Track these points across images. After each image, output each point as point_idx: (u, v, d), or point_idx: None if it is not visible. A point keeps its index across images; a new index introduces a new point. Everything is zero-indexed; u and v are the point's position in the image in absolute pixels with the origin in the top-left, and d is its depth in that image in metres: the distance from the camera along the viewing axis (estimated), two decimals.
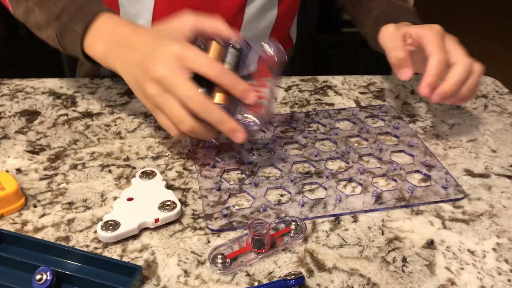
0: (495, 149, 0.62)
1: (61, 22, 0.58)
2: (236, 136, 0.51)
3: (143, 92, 0.52)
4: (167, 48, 0.50)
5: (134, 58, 0.52)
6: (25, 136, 0.62)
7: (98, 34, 0.56)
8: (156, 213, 0.49)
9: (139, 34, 0.54)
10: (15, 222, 0.49)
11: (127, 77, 0.54)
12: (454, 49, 0.58)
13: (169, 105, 0.50)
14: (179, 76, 0.49)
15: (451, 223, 0.50)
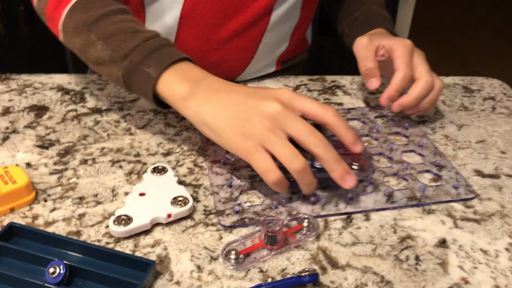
0: (504, 150, 0.62)
1: (131, 62, 0.54)
2: (347, 180, 0.48)
3: (244, 130, 0.48)
4: (277, 91, 0.49)
5: (232, 98, 0.50)
6: (34, 131, 0.62)
7: (180, 75, 0.53)
8: (169, 208, 0.48)
9: (233, 84, 0.52)
10: (26, 216, 0.49)
11: (218, 119, 0.49)
12: (420, 65, 0.63)
13: (282, 142, 0.47)
14: (292, 114, 0.47)
15: (462, 223, 0.50)
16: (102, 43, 0.56)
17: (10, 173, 0.51)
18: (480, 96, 0.74)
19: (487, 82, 0.78)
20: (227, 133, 0.48)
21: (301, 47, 0.86)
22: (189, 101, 0.51)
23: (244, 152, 0.48)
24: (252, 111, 0.48)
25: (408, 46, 0.63)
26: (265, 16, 0.72)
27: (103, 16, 0.57)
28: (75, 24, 0.58)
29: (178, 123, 0.64)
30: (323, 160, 0.48)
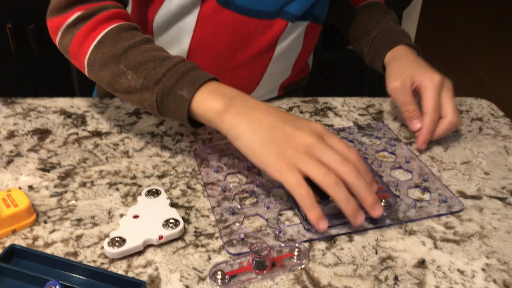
0: (488, 172, 0.64)
1: (163, 87, 0.57)
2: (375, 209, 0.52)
3: (279, 151, 0.51)
4: (312, 124, 0.54)
5: (270, 119, 0.53)
6: (37, 154, 0.65)
7: (213, 93, 0.56)
8: (160, 230, 0.51)
9: (270, 106, 0.56)
10: (27, 237, 0.52)
11: (254, 135, 0.53)
12: (447, 103, 0.67)
13: (314, 162, 0.50)
14: (325, 145, 0.52)
15: (442, 243, 0.53)
16: (133, 73, 0.59)
17: (12, 197, 0.54)
18: (468, 117, 0.76)
19: (476, 102, 0.80)
20: (263, 149, 0.52)
21: (302, 73, 0.90)
22: (225, 115, 0.54)
23: (276, 169, 0.51)
24: (289, 137, 0.52)
25: (436, 84, 0.66)
26: (270, 48, 0.76)
27: (131, 47, 0.60)
28: (103, 57, 0.61)
29: (174, 146, 0.67)
30: (354, 188, 0.51)
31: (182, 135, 0.69)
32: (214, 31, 0.73)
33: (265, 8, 0.72)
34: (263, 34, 0.74)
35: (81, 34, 0.62)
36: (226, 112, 0.54)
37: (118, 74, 0.60)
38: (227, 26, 0.72)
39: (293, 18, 0.74)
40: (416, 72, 0.69)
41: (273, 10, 0.73)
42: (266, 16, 0.73)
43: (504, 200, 0.59)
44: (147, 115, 0.74)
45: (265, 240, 0.52)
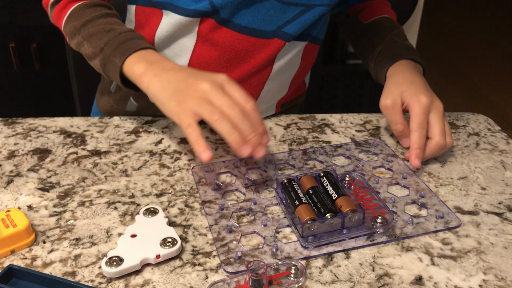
0: (484, 187, 0.64)
1: (104, 54, 0.69)
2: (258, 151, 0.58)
3: (179, 98, 0.59)
4: (215, 74, 0.61)
5: (178, 75, 0.62)
6: (36, 174, 0.65)
7: (139, 58, 0.66)
8: (158, 249, 0.51)
9: (182, 66, 0.65)
10: (25, 258, 0.52)
11: (164, 90, 0.61)
12: (434, 124, 0.67)
13: (205, 104, 0.58)
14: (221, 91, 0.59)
15: (439, 260, 0.53)
16: (87, 42, 0.71)
17: (11, 217, 0.54)
18: (465, 132, 0.76)
19: (473, 117, 0.80)
20: (168, 100, 0.60)
21: (299, 91, 0.92)
22: (144, 76, 0.64)
23: (175, 113, 0.59)
24: (189, 86, 0.60)
25: (423, 104, 0.67)
26: (267, 66, 0.77)
27: (88, 21, 0.73)
28: (70, 30, 0.74)
29: (172, 164, 0.68)
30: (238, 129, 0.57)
31: (180, 153, 0.70)
32: (212, 48, 0.75)
33: (263, 28, 0.74)
34: (260, 52, 0.75)
35: (56, 11, 0.77)
36: (144, 74, 0.64)
37: (79, 44, 0.73)
38: (225, 44, 0.74)
39: (290, 38, 0.75)
40: (406, 91, 0.69)
41: (270, 30, 0.74)
42: (264, 35, 0.74)
43: (501, 215, 0.59)
44: (146, 133, 0.75)
45: (262, 258, 0.52)
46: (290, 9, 0.74)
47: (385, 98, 0.71)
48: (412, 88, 0.69)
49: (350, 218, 0.55)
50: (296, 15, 0.74)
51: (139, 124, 0.77)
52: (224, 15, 0.72)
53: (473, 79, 2.87)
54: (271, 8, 0.73)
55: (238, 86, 0.60)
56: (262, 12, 0.73)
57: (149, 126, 0.76)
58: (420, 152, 0.66)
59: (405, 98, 0.69)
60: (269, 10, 0.73)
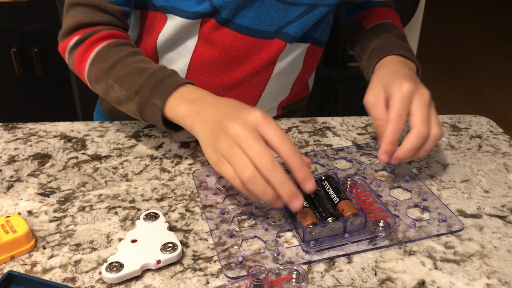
0: (487, 190, 0.63)
1: (141, 97, 0.64)
2: (293, 202, 0.52)
3: (214, 144, 0.55)
4: (250, 112, 0.55)
5: (215, 114, 0.57)
6: (37, 179, 0.65)
7: (181, 98, 0.62)
8: (158, 254, 0.51)
9: (227, 100, 0.60)
10: (25, 264, 0.52)
11: (203, 132, 0.57)
12: (416, 112, 0.61)
13: (236, 154, 0.52)
14: (251, 136, 0.52)
15: (442, 264, 0.52)
16: (118, 86, 0.66)
17: (11, 223, 0.54)
18: (467, 135, 0.76)
19: (475, 120, 0.80)
20: (205, 144, 0.57)
21: (302, 94, 0.91)
22: (187, 118, 0.60)
23: (213, 162, 0.55)
24: (222, 129, 0.54)
25: (404, 91, 0.62)
26: (268, 67, 0.77)
27: (116, 63, 0.68)
28: (96, 73, 0.69)
29: (173, 168, 0.67)
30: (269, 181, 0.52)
31: (181, 158, 0.70)
32: (213, 48, 0.75)
33: (263, 28, 0.74)
34: (261, 52, 0.75)
35: (78, 55, 0.71)
36: (188, 115, 0.60)
37: (108, 88, 0.68)
38: (226, 44, 0.74)
39: (291, 40, 0.75)
40: (388, 83, 0.64)
41: (271, 30, 0.74)
42: (264, 36, 0.74)
43: (504, 218, 0.59)
44: (147, 138, 0.74)
45: (264, 263, 0.52)
46: (292, 9, 0.73)
47: (368, 95, 0.66)
48: (394, 77, 0.65)
49: (352, 222, 0.54)
50: (298, 16, 0.74)
51: (140, 128, 0.76)
52: (224, 15, 0.72)
53: (474, 80, 2.86)
54: (272, 8, 0.73)
55: (274, 125, 0.54)
56: (263, 12, 0.73)
57: (150, 130, 0.76)
58: (390, 148, 0.60)
59: (387, 90, 0.64)
60: (270, 10, 0.73)
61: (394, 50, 0.74)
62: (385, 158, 0.61)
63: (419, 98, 0.62)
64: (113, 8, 0.72)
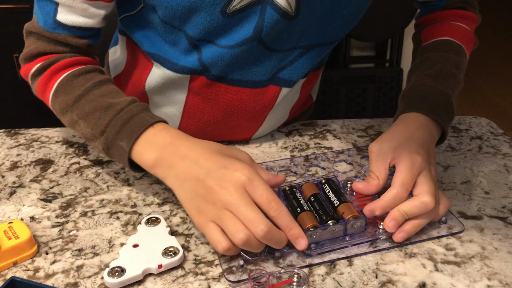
0: (488, 191, 0.64)
1: (107, 137, 0.60)
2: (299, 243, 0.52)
3: (200, 207, 0.52)
4: (234, 169, 0.52)
5: (194, 171, 0.53)
6: (39, 184, 0.66)
7: (148, 143, 0.58)
8: (160, 259, 0.51)
9: (201, 147, 0.56)
10: (28, 269, 0.52)
11: (181, 188, 0.54)
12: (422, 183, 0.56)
13: (228, 219, 0.50)
14: (243, 202, 0.50)
15: (443, 266, 0.52)
16: (83, 122, 0.62)
17: (13, 229, 0.54)
18: (467, 136, 0.76)
19: (475, 121, 0.80)
20: (187, 204, 0.54)
21: (305, 106, 0.85)
22: (156, 168, 0.57)
23: (198, 223, 0.53)
24: (209, 192, 0.52)
25: (414, 162, 0.56)
26: (264, 111, 0.73)
27: (80, 97, 0.63)
28: (60, 106, 0.64)
29: None
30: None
31: None
32: (205, 100, 0.71)
33: (257, 78, 0.69)
34: (256, 100, 0.71)
35: (41, 84, 0.66)
36: (156, 165, 0.57)
37: (73, 122, 0.64)
38: (219, 97, 0.70)
39: (288, 84, 0.70)
40: (399, 148, 0.58)
41: (265, 79, 0.70)
42: (259, 85, 0.70)
43: (505, 219, 0.59)
44: None
45: (265, 266, 0.52)
46: (285, 55, 0.68)
47: (375, 144, 0.60)
48: (407, 144, 0.58)
49: (352, 225, 0.54)
50: (293, 59, 0.69)
51: None
52: (215, 72, 0.68)
53: (475, 80, 2.86)
54: (265, 58, 0.67)
55: (261, 183, 0.52)
56: (255, 64, 0.68)
57: None
58: (376, 211, 0.55)
59: (396, 154, 0.58)
60: (264, 61, 0.68)
61: (416, 105, 0.64)
62: (368, 215, 0.56)
63: (427, 173, 0.57)
64: (76, 42, 0.66)
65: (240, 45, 0.64)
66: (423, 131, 0.61)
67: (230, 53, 0.65)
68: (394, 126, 0.63)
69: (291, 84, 0.71)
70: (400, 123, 0.63)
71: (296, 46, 0.67)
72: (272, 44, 0.66)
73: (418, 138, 0.60)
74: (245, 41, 0.64)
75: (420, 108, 0.64)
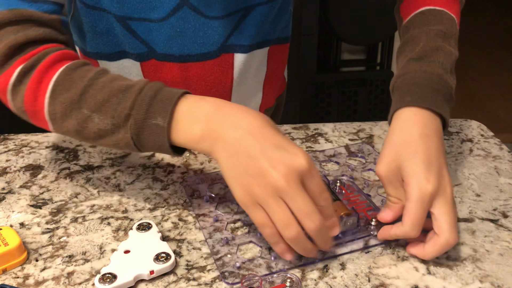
0: (479, 193, 0.64)
1: (135, 120, 0.52)
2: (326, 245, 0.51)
3: (248, 187, 0.48)
4: (295, 155, 0.48)
5: (247, 145, 0.48)
6: (29, 190, 0.65)
7: (189, 116, 0.52)
8: (151, 265, 0.51)
9: (253, 117, 0.50)
10: (18, 277, 0.52)
11: (228, 163, 0.49)
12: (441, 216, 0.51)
13: (279, 208, 0.47)
14: (298, 192, 0.47)
15: (435, 269, 0.52)
16: (98, 114, 0.54)
17: (3, 235, 0.54)
18: (458, 139, 0.76)
19: (466, 124, 0.81)
20: (233, 180, 0.49)
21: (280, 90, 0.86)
22: (203, 142, 0.51)
23: (243, 204, 0.49)
24: (261, 173, 0.47)
25: (423, 194, 0.51)
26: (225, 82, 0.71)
27: (87, 87, 0.55)
28: (62, 107, 0.55)
29: (166, 177, 0.67)
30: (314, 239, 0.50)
31: (173, 167, 0.69)
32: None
33: (205, 50, 0.68)
34: (214, 73, 0.70)
35: (30, 90, 0.56)
36: (203, 139, 0.51)
37: (84, 120, 0.54)
38: (176, 78, 0.69)
39: (242, 49, 0.70)
40: (406, 168, 0.53)
41: (214, 49, 0.69)
42: (209, 56, 0.69)
43: (496, 222, 0.59)
44: None
45: (257, 271, 0.52)
46: (228, 20, 0.67)
47: (381, 164, 0.55)
48: (413, 163, 0.52)
49: (346, 222, 0.54)
50: (237, 24, 0.68)
51: None
52: (160, 50, 0.66)
53: (466, 83, 2.88)
54: (208, 28, 0.66)
55: (317, 175, 0.48)
56: (199, 35, 0.67)
57: None
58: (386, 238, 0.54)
59: (404, 178, 0.53)
60: (207, 31, 0.66)
61: (405, 99, 0.58)
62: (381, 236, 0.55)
63: (442, 197, 0.52)
64: (48, 18, 0.58)
65: (172, 14, 0.63)
66: (426, 136, 0.54)
67: (167, 25, 0.64)
68: (392, 134, 0.56)
69: (242, 49, 0.69)
70: (398, 128, 0.56)
71: (234, 9, 0.66)
72: (206, 10, 0.65)
73: (420, 151, 0.53)
74: (175, 9, 0.62)
75: (411, 101, 0.57)
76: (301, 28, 1.88)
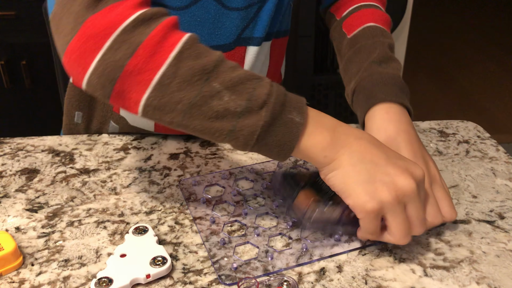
0: (475, 195, 0.64)
1: (273, 110, 0.49)
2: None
3: (373, 191, 0.49)
4: (416, 169, 0.51)
5: (373, 153, 0.51)
6: (24, 194, 0.65)
7: (318, 123, 0.52)
8: (148, 268, 0.51)
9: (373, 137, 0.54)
10: (13, 281, 0.51)
11: (353, 169, 0.50)
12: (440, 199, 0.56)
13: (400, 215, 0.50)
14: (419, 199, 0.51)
15: (432, 271, 0.52)
16: (230, 93, 0.49)
17: None
18: (455, 140, 0.76)
19: (462, 125, 0.81)
20: (356, 185, 0.50)
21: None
22: (329, 150, 0.51)
23: (364, 210, 0.50)
24: (390, 178, 0.50)
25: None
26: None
27: (220, 62, 0.50)
28: (188, 72, 0.49)
29: (162, 180, 0.67)
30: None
31: (170, 170, 0.69)
32: None
33: (222, 42, 0.69)
34: None
35: (151, 43, 0.49)
36: (330, 147, 0.51)
37: (210, 95, 0.49)
38: None
39: (250, 42, 0.71)
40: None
41: (230, 41, 0.70)
42: (225, 48, 0.70)
43: (493, 223, 0.59)
44: (135, 150, 0.74)
45: (254, 274, 0.52)
46: (247, 12, 0.68)
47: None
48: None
49: (349, 213, 0.53)
50: (254, 16, 0.70)
51: (128, 141, 0.76)
52: None
53: (462, 84, 2.89)
54: (226, 19, 0.67)
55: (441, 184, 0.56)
56: (218, 26, 0.68)
57: (138, 143, 0.76)
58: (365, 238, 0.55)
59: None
60: (225, 22, 0.68)
61: (379, 94, 0.63)
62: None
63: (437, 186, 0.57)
64: None
65: (194, 3, 0.64)
66: (403, 131, 0.59)
67: (187, 14, 0.64)
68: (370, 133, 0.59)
69: (255, 42, 0.71)
70: (375, 128, 0.60)
71: (253, 1, 0.68)
72: (228, 0, 0.66)
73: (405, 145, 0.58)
74: None
75: (384, 98, 0.62)
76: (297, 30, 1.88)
